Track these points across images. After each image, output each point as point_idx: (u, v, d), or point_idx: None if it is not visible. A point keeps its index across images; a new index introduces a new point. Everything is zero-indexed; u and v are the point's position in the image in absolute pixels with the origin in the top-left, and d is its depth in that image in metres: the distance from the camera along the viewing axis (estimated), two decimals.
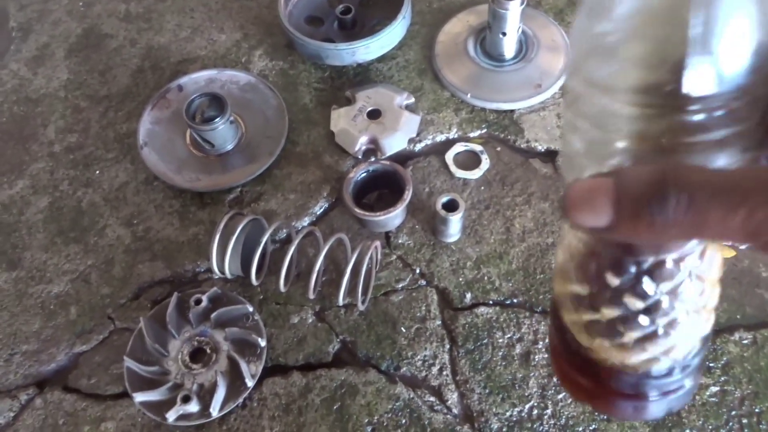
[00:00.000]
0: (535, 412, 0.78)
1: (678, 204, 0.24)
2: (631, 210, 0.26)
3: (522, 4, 0.94)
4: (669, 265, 0.31)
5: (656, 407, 0.34)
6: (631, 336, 0.33)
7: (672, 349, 0.33)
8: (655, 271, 0.31)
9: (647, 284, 0.31)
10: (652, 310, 0.32)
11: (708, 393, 0.78)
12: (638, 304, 0.32)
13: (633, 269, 0.31)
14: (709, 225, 0.24)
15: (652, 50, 0.27)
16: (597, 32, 0.29)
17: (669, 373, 0.34)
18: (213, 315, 0.83)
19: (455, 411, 0.79)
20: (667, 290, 0.31)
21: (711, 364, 0.79)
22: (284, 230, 0.92)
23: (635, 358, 0.33)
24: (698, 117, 0.26)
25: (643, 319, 0.32)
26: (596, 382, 0.36)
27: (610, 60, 0.29)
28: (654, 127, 0.28)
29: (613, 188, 0.26)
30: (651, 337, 0.32)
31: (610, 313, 0.33)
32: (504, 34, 0.98)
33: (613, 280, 0.32)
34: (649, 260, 0.31)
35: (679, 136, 0.27)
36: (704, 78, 0.26)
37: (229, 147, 0.98)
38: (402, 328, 0.84)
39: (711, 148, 0.27)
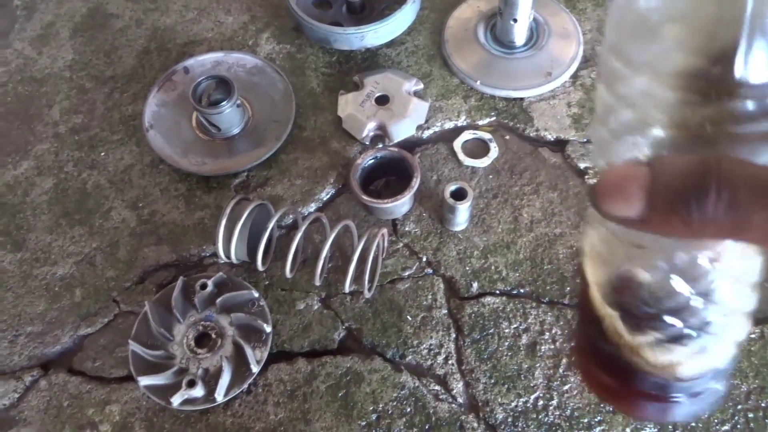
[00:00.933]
0: (541, 402, 0.78)
1: (719, 200, 0.23)
2: (666, 203, 0.24)
3: None
4: (702, 264, 0.29)
5: (682, 410, 0.33)
6: (661, 336, 0.31)
7: (704, 352, 0.32)
8: (687, 270, 0.29)
9: (678, 283, 0.30)
10: (683, 311, 0.30)
11: None
12: (669, 304, 0.30)
13: (664, 266, 0.30)
14: (752, 227, 0.23)
15: (700, 31, 0.25)
16: (640, 9, 0.27)
17: (699, 376, 0.32)
18: (218, 300, 0.83)
19: (460, 400, 0.79)
20: (700, 291, 0.30)
21: None
22: (290, 216, 0.92)
23: (664, 359, 0.32)
24: (748, 106, 0.25)
25: (673, 320, 0.31)
26: (621, 380, 0.34)
27: (652, 40, 0.27)
28: (697, 114, 0.26)
29: (649, 178, 0.24)
30: (681, 338, 0.31)
31: (636, 311, 0.31)
32: (515, 20, 0.96)
33: (644, 276, 0.30)
34: (682, 258, 0.29)
35: (724, 125, 0.25)
36: (759, 63, 0.24)
37: (236, 131, 0.97)
38: (408, 317, 0.84)
39: (759, 141, 0.25)
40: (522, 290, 0.85)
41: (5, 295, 0.89)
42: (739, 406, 0.76)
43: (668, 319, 0.31)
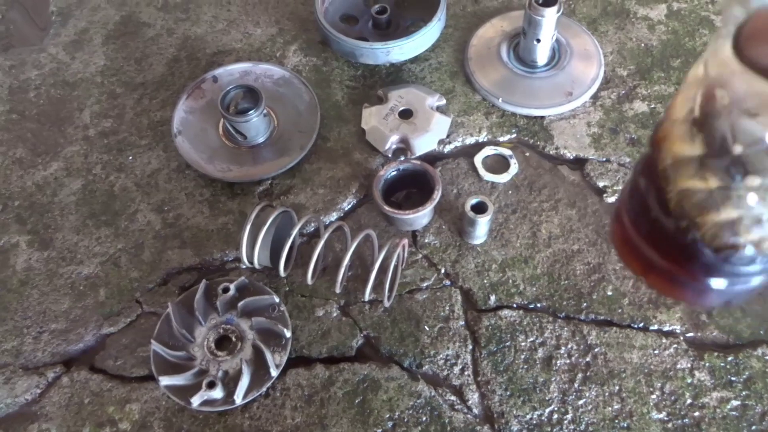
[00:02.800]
0: (555, 416, 0.79)
1: None
2: None
3: (558, 11, 0.94)
4: None
5: (716, 295, 0.31)
6: (731, 214, 0.30)
7: (764, 241, 0.30)
8: None
9: None
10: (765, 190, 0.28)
11: (729, 407, 0.78)
12: (755, 181, 0.28)
13: (765, 140, 0.27)
14: None
15: None
16: None
17: (748, 262, 0.31)
18: (240, 304, 0.84)
19: (476, 411, 0.80)
20: None
21: (733, 378, 0.79)
22: (313, 224, 0.93)
23: (725, 238, 0.30)
24: None
25: (752, 198, 0.29)
26: (666, 255, 0.32)
27: None
28: None
29: None
30: (751, 220, 0.29)
31: (717, 182, 0.30)
32: (538, 40, 0.98)
33: (739, 147, 0.28)
34: None
35: None
36: None
37: (261, 139, 0.99)
38: (425, 327, 0.85)
39: None
40: (539, 305, 0.86)
41: (31, 292, 0.91)
42: (753, 427, 0.76)
43: (750, 197, 0.29)
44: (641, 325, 0.83)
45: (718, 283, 0.32)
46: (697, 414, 0.78)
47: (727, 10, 0.30)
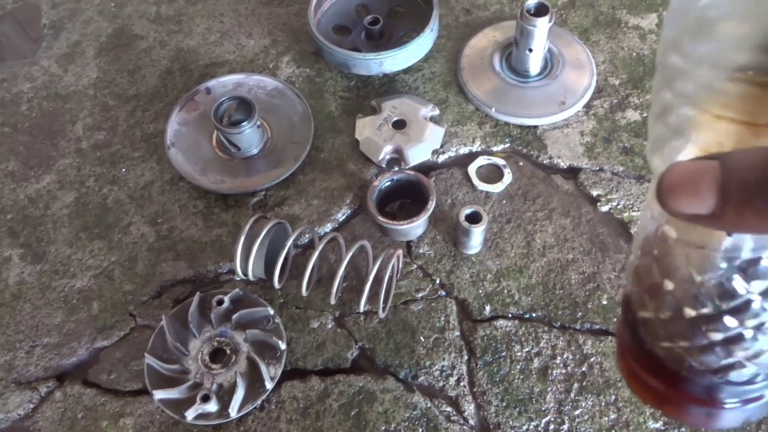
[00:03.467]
0: (552, 427, 0.78)
1: None
2: (739, 197, 0.23)
3: (550, 21, 0.95)
4: (765, 263, 0.28)
5: (733, 416, 0.32)
6: (715, 338, 0.30)
7: (759, 354, 0.30)
8: (749, 269, 0.28)
9: (738, 282, 0.29)
10: (741, 310, 0.29)
11: None
12: (726, 304, 0.29)
13: (723, 265, 0.29)
14: None
15: (760, 27, 0.25)
16: (699, 6, 0.27)
17: (751, 380, 0.32)
18: (234, 316, 0.84)
19: (472, 422, 0.79)
20: (760, 290, 0.29)
21: None
22: (307, 235, 0.93)
23: (716, 362, 0.31)
24: None
25: (730, 321, 0.30)
26: (669, 384, 0.33)
27: (711, 37, 0.27)
28: (764, 108, 0.25)
29: (720, 172, 0.23)
30: (736, 340, 0.30)
31: (692, 311, 0.30)
32: (531, 50, 0.99)
33: (699, 277, 0.29)
34: (743, 256, 0.28)
35: None
36: None
37: (255, 151, 0.99)
38: (421, 338, 0.85)
39: None
40: (534, 314, 0.86)
41: (24, 306, 0.90)
42: None
43: (726, 319, 0.30)
44: None
45: (730, 404, 0.33)
46: None
47: (650, 161, 0.31)
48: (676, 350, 0.33)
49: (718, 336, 0.31)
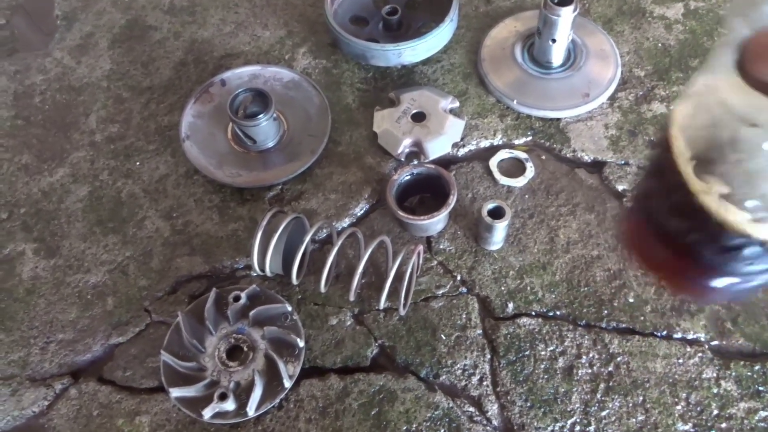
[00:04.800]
0: (578, 428, 0.76)
1: None
2: None
3: (574, 11, 0.92)
4: None
5: (724, 293, 0.33)
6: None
7: None
8: None
9: None
10: None
11: (757, 417, 0.75)
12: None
13: None
14: None
15: None
16: None
17: (759, 256, 0.32)
18: (251, 313, 0.82)
19: (495, 423, 0.77)
20: None
21: (761, 388, 0.77)
22: (325, 230, 0.91)
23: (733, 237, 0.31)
24: None
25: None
26: (676, 253, 0.33)
27: None
28: None
29: None
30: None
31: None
32: (554, 41, 0.96)
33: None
34: None
35: None
36: None
37: (271, 144, 0.97)
38: (442, 336, 0.83)
39: None
40: (558, 312, 0.84)
41: (38, 302, 0.89)
42: None
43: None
44: (664, 333, 0.81)
45: (725, 280, 0.34)
46: (724, 425, 0.75)
47: (729, 22, 0.30)
48: (692, 222, 0.33)
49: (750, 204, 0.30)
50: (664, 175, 0.35)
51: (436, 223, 0.87)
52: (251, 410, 0.77)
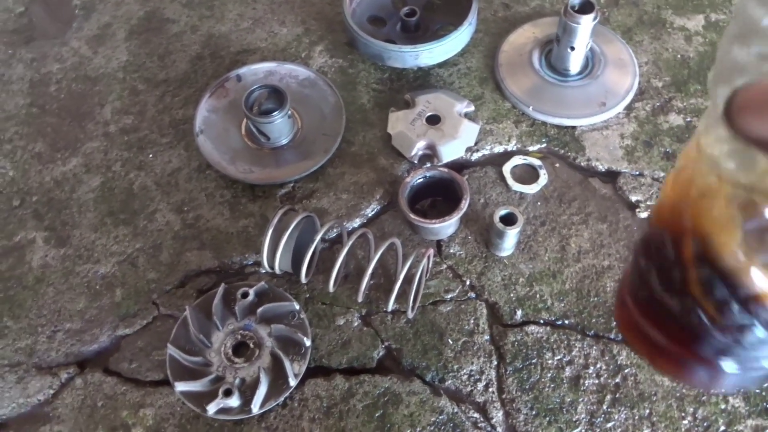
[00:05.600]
0: None
1: None
2: None
3: (594, 19, 0.91)
4: None
5: (732, 381, 0.31)
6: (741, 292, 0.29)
7: None
8: None
9: None
10: None
11: None
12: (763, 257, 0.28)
13: None
14: None
15: None
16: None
17: (760, 346, 0.30)
18: (259, 310, 0.82)
19: (499, 430, 0.77)
20: None
21: None
22: (335, 230, 0.91)
23: (733, 321, 0.30)
24: None
25: (758, 276, 0.29)
26: (673, 339, 0.32)
27: None
28: None
29: None
30: (761, 299, 0.29)
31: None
32: (573, 48, 0.96)
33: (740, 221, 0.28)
34: None
35: None
36: None
37: (284, 141, 0.97)
38: (449, 340, 0.82)
39: None
40: (567, 321, 0.83)
41: (47, 290, 0.89)
42: None
43: (754, 273, 0.29)
44: None
45: (729, 366, 0.31)
46: None
47: (712, 90, 0.29)
48: (691, 302, 0.30)
49: (744, 291, 0.29)
50: (658, 254, 0.33)
51: (447, 227, 0.87)
52: (255, 407, 0.77)
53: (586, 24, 0.92)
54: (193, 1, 1.17)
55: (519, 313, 0.84)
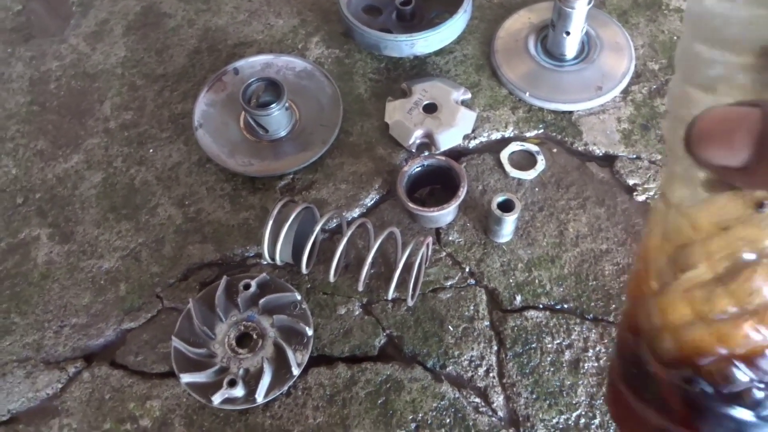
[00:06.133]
0: (583, 420, 0.77)
1: None
2: None
3: (589, 3, 0.91)
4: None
5: None
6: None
7: None
8: None
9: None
10: None
11: None
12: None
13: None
14: None
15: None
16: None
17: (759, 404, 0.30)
18: (261, 301, 0.83)
19: (501, 414, 0.78)
20: None
21: None
22: (335, 220, 0.92)
23: (736, 376, 0.29)
24: None
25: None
26: (671, 419, 0.31)
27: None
28: None
29: (760, 120, 0.21)
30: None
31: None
32: (568, 33, 0.96)
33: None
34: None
35: None
36: None
37: (283, 133, 0.98)
38: (449, 327, 0.83)
39: None
40: (566, 305, 0.84)
41: (52, 286, 0.90)
42: None
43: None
44: None
45: None
46: None
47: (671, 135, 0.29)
48: (689, 368, 0.30)
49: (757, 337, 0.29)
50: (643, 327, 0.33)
51: (445, 214, 0.88)
52: (260, 397, 0.78)
53: (580, 8, 0.91)
54: None
55: (518, 298, 0.85)
